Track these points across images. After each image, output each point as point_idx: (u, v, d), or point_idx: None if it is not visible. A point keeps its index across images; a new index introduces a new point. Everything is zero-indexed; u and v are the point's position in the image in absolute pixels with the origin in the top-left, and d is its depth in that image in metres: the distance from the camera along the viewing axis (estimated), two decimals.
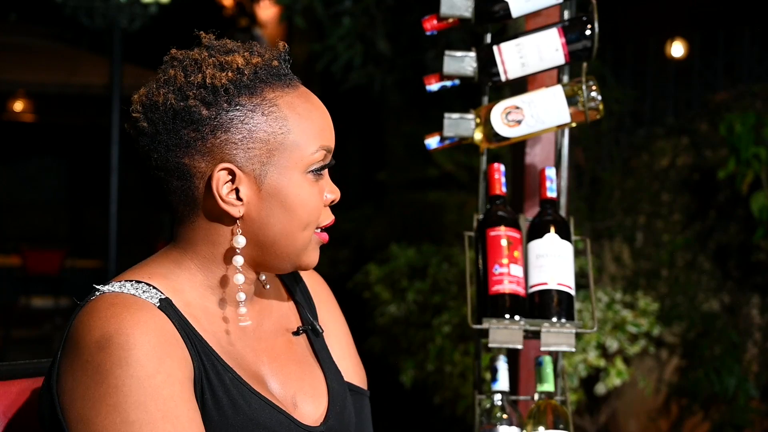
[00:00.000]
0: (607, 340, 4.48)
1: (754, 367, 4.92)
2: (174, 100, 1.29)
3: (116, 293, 1.27)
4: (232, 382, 1.29)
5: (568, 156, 2.13)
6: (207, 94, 1.29)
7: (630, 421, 5.11)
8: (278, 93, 1.32)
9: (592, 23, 1.96)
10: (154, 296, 1.27)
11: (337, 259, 7.91)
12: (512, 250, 1.94)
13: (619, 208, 5.64)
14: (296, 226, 1.33)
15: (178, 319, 1.28)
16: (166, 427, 1.19)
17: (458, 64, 1.99)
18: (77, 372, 1.22)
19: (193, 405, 1.23)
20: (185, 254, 1.34)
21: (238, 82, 1.30)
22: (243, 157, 1.29)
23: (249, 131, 1.29)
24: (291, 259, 1.36)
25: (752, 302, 5.07)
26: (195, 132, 1.29)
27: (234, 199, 1.31)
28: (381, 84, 7.03)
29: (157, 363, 1.21)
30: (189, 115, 1.29)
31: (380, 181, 8.45)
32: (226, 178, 1.30)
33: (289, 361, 1.41)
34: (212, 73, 1.30)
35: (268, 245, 1.33)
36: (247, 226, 1.32)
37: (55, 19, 10.38)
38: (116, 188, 7.54)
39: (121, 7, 7.69)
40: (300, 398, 1.38)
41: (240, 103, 1.29)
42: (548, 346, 1.91)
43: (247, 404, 1.29)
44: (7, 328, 8.36)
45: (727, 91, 5.83)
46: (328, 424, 1.38)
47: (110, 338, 1.21)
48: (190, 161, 1.30)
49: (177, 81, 1.30)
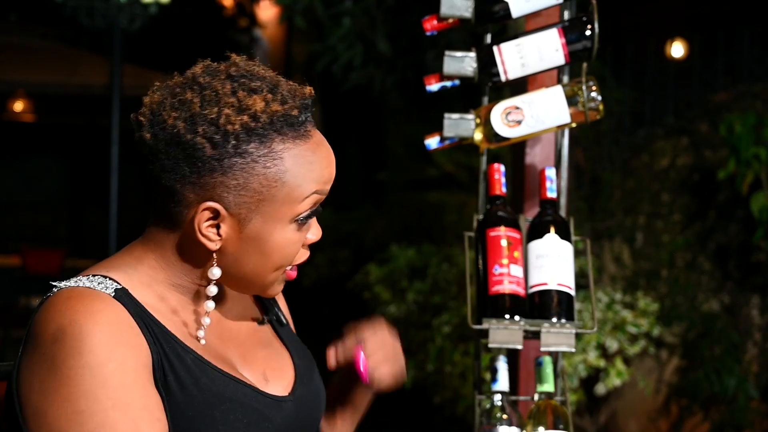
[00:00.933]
0: (607, 340, 4.48)
1: (754, 368, 4.92)
2: (183, 128, 1.27)
3: (72, 287, 1.28)
4: (193, 362, 1.30)
5: (568, 156, 2.13)
6: (216, 134, 1.27)
7: (630, 422, 5.11)
8: (288, 145, 1.30)
9: (592, 23, 1.96)
10: (110, 287, 1.29)
11: (337, 259, 7.91)
12: (512, 250, 1.94)
13: (619, 209, 5.64)
14: (269, 267, 1.35)
15: (135, 307, 1.29)
16: (115, 414, 1.21)
17: (458, 64, 1.99)
18: (34, 366, 1.24)
19: (147, 392, 1.24)
20: (151, 253, 1.35)
21: (250, 129, 1.28)
22: (232, 201, 1.29)
23: (245, 180, 1.28)
24: (255, 290, 1.39)
25: (752, 302, 5.07)
26: (193, 165, 1.28)
27: (213, 233, 1.31)
28: (381, 84, 7.03)
29: (108, 351, 1.22)
30: (193, 150, 1.27)
31: (380, 181, 8.45)
32: (210, 215, 1.30)
33: (254, 346, 1.44)
34: (228, 113, 1.27)
35: (237, 278, 1.36)
36: (221, 257, 1.33)
37: (55, 19, 10.38)
38: (116, 188, 7.54)
39: (121, 7, 7.69)
40: (269, 375, 1.41)
41: (247, 150, 1.28)
42: (548, 347, 1.91)
43: (210, 381, 1.31)
44: (7, 328, 8.36)
45: (727, 92, 5.83)
46: (296, 394, 1.41)
47: (64, 330, 1.23)
48: (181, 188, 1.30)
49: (191, 108, 1.28)
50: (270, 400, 1.36)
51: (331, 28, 6.81)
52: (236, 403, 1.32)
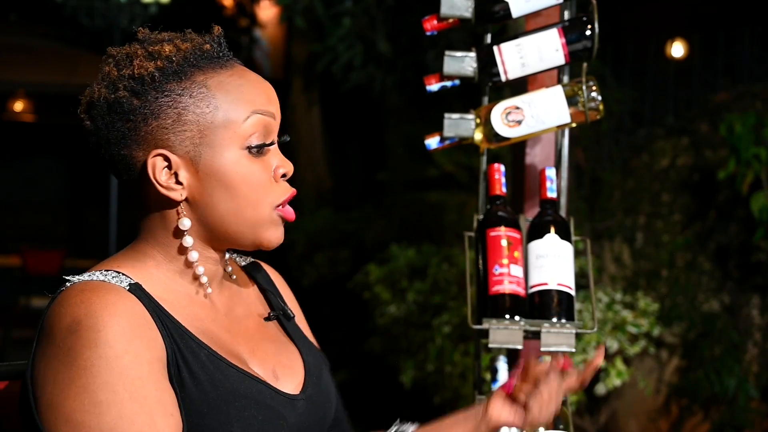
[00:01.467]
0: (607, 340, 4.48)
1: (754, 368, 4.92)
2: (107, 94, 1.32)
3: (86, 281, 1.28)
4: (208, 358, 1.30)
5: (568, 156, 2.13)
6: (135, 84, 1.31)
7: (630, 422, 5.11)
8: (209, 74, 1.33)
9: (593, 23, 1.96)
10: (124, 281, 1.29)
11: (337, 259, 7.90)
12: (512, 250, 1.94)
13: (619, 209, 5.64)
14: (242, 204, 1.33)
15: (149, 301, 1.29)
16: (133, 407, 1.20)
17: (458, 64, 1.99)
18: (49, 358, 1.23)
19: (162, 386, 1.24)
20: (147, 244, 1.36)
21: (166, 70, 1.31)
22: (175, 140, 1.31)
23: (178, 114, 1.31)
24: (247, 237, 1.36)
25: (752, 302, 5.07)
26: (128, 122, 1.31)
27: (174, 183, 1.32)
28: (381, 84, 7.04)
29: (125, 343, 1.22)
30: (120, 106, 1.31)
31: (380, 181, 8.45)
32: (163, 164, 1.31)
33: (263, 341, 1.43)
34: (140, 63, 1.32)
35: (216, 225, 1.34)
36: (193, 209, 1.34)
37: (55, 19, 10.39)
38: (116, 188, 7.54)
39: (121, 7, 7.70)
40: (279, 372, 1.40)
41: (168, 89, 1.31)
42: (548, 347, 1.91)
43: (225, 378, 1.30)
44: (7, 328, 8.36)
45: (727, 92, 5.83)
46: (306, 393, 1.40)
47: (80, 321, 1.22)
48: (128, 152, 1.32)
49: (111, 76, 1.33)
50: (283, 398, 1.36)
51: (331, 28, 6.81)
52: (251, 400, 1.31)
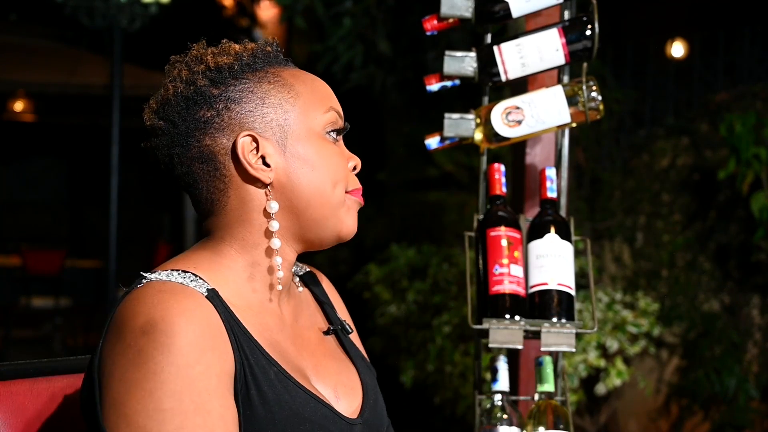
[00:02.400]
0: (607, 340, 4.48)
1: (754, 368, 4.92)
2: (183, 88, 1.34)
3: (164, 281, 1.26)
4: (276, 377, 1.28)
5: (568, 156, 2.13)
6: (213, 74, 1.34)
7: (630, 422, 5.11)
8: (279, 69, 1.38)
9: (593, 23, 1.96)
10: (202, 286, 1.27)
11: (337, 259, 7.90)
12: (512, 250, 1.94)
13: (619, 209, 5.64)
14: (326, 182, 1.36)
15: (224, 310, 1.27)
16: (196, 420, 1.18)
17: (458, 64, 1.99)
18: (118, 355, 1.21)
19: (226, 402, 1.22)
20: (223, 241, 1.34)
21: (240, 61, 1.35)
22: (260, 123, 1.33)
23: (260, 98, 1.34)
24: (329, 223, 1.36)
25: (752, 302, 5.07)
26: (210, 110, 1.33)
27: (262, 165, 1.33)
28: (381, 84, 7.03)
29: (198, 353, 1.20)
30: (200, 96, 1.33)
31: (380, 181, 8.45)
32: (251, 145, 1.33)
33: (325, 356, 1.41)
34: (213, 59, 1.35)
35: (302, 208, 1.35)
36: (279, 193, 1.34)
37: (55, 19, 10.38)
38: (116, 188, 7.53)
39: (121, 7, 7.69)
40: (341, 391, 1.39)
41: (246, 77, 1.35)
42: (548, 347, 1.91)
43: (292, 399, 1.28)
44: (7, 328, 8.36)
45: (727, 92, 5.83)
46: (364, 417, 1.39)
47: (155, 324, 1.20)
48: (212, 141, 1.33)
49: (182, 75, 1.35)
50: (345, 423, 1.34)
51: (331, 28, 6.81)
52: (315, 425, 1.29)
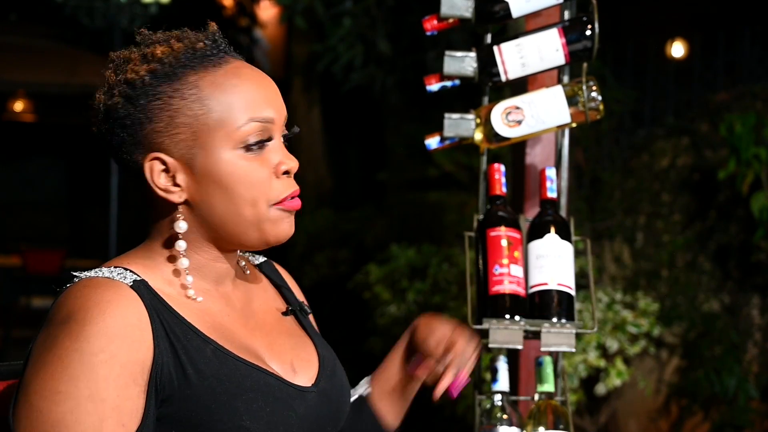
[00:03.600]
0: (607, 340, 4.48)
1: (754, 368, 4.92)
2: (105, 100, 1.33)
3: (91, 277, 1.30)
4: (214, 353, 1.30)
5: (568, 156, 2.13)
6: (128, 89, 1.31)
7: (630, 422, 5.11)
8: (201, 74, 1.32)
9: (593, 23, 1.96)
10: (128, 277, 1.30)
11: (337, 259, 7.90)
12: (512, 250, 1.94)
13: (619, 209, 5.64)
14: (240, 203, 1.33)
15: (151, 299, 1.29)
16: (87, 406, 1.21)
17: (458, 64, 1.99)
18: (38, 344, 1.26)
19: (127, 393, 1.23)
20: (157, 242, 1.37)
21: (157, 72, 1.31)
22: (170, 143, 1.31)
23: (170, 117, 1.31)
24: (251, 235, 1.35)
25: (752, 302, 5.07)
26: (125, 128, 1.32)
27: (171, 186, 1.33)
28: (381, 84, 7.03)
29: (105, 341, 1.22)
30: (116, 112, 1.32)
31: (380, 181, 8.45)
32: (160, 167, 1.32)
33: (281, 335, 1.44)
34: (133, 67, 1.32)
35: (217, 225, 1.35)
36: (194, 211, 1.34)
37: (55, 19, 10.39)
38: (116, 188, 7.55)
39: (121, 7, 7.70)
40: (297, 365, 1.41)
41: (160, 92, 1.31)
42: (548, 347, 1.91)
43: (231, 372, 1.30)
44: (7, 328, 8.36)
45: (727, 92, 5.83)
46: (319, 386, 1.41)
47: (72, 314, 1.24)
48: (129, 157, 1.33)
49: (109, 81, 1.34)
50: (293, 390, 1.36)
51: (331, 28, 6.81)
52: (258, 393, 1.31)
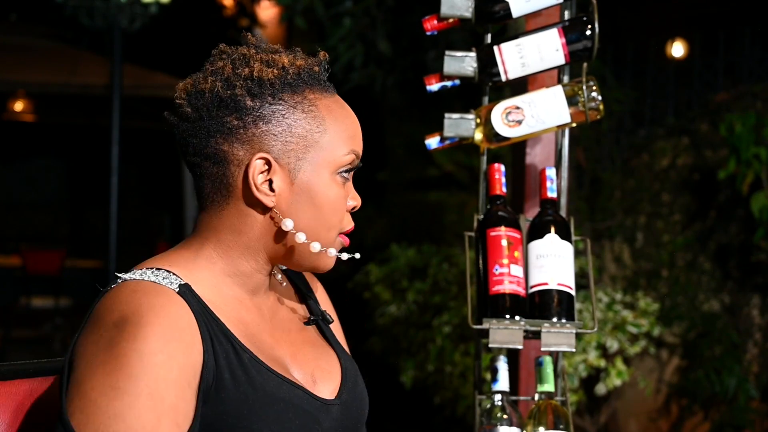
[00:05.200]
0: (607, 340, 4.48)
1: (754, 368, 4.92)
2: (221, 88, 1.35)
3: (137, 281, 1.31)
4: (249, 362, 1.33)
5: (568, 156, 2.13)
6: (253, 85, 1.35)
7: (630, 422, 5.11)
8: (317, 95, 1.39)
9: (593, 23, 1.96)
10: (174, 282, 1.32)
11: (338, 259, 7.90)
12: (512, 250, 1.94)
13: (619, 209, 5.64)
14: (322, 224, 1.39)
15: (196, 304, 1.32)
16: (146, 403, 1.22)
17: (459, 64, 1.99)
18: (90, 345, 1.27)
19: (183, 394, 1.26)
20: (207, 242, 1.39)
21: (282, 79, 1.36)
22: (280, 149, 1.35)
23: (289, 125, 1.35)
24: (311, 258, 1.41)
25: (752, 302, 5.07)
26: (238, 120, 1.35)
27: (267, 189, 1.36)
28: (382, 84, 7.03)
29: (162, 343, 1.25)
30: (234, 103, 1.35)
31: (380, 181, 8.45)
32: (263, 167, 1.35)
33: (304, 345, 1.46)
34: (259, 67, 1.36)
35: (292, 239, 1.38)
36: (276, 219, 1.37)
37: (55, 19, 10.38)
38: (116, 188, 7.54)
39: (121, 7, 7.69)
40: (318, 376, 1.44)
41: (283, 98, 1.36)
42: (548, 347, 1.91)
43: (265, 381, 1.33)
44: (7, 328, 8.37)
45: (727, 92, 5.83)
46: (342, 398, 1.43)
47: (126, 319, 1.26)
48: (229, 148, 1.35)
49: (225, 72, 1.37)
50: (319, 403, 1.39)
51: (331, 28, 6.81)
52: (289, 404, 1.34)
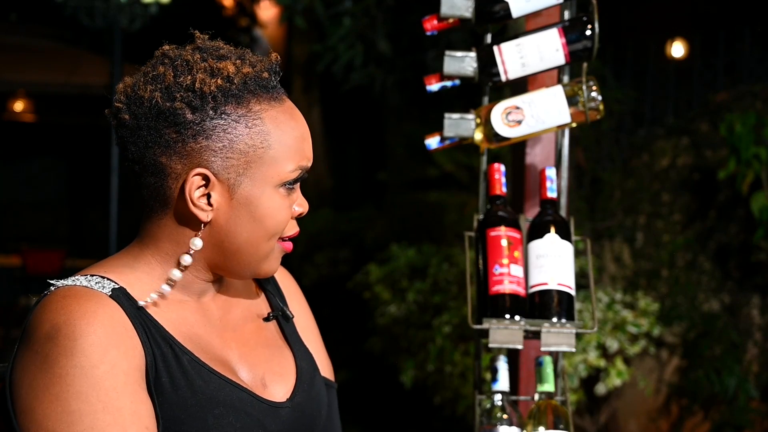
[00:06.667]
0: (607, 340, 4.48)
1: (754, 368, 4.92)
2: (160, 98, 1.29)
3: (68, 287, 1.28)
4: (189, 364, 1.30)
5: (568, 156, 2.13)
6: (194, 98, 1.29)
7: (630, 422, 5.11)
8: (264, 106, 1.32)
9: (593, 23, 1.96)
10: (107, 286, 1.29)
11: (338, 259, 7.90)
12: (512, 250, 1.94)
13: (619, 209, 5.64)
14: (262, 236, 1.34)
15: (131, 307, 1.29)
16: (105, 418, 1.20)
17: (458, 64, 1.99)
18: (27, 363, 1.24)
19: (138, 397, 1.24)
20: (146, 249, 1.36)
21: (226, 90, 1.30)
22: (220, 165, 1.30)
23: (230, 141, 1.30)
24: (251, 267, 1.37)
25: (752, 302, 5.07)
26: (177, 134, 1.29)
27: (204, 204, 1.32)
28: (381, 84, 7.03)
29: (101, 353, 1.22)
30: (173, 116, 1.29)
31: (380, 181, 8.45)
32: (200, 182, 1.31)
33: (257, 345, 1.42)
34: (202, 77, 1.29)
35: (232, 252, 1.35)
36: (214, 232, 1.33)
37: (55, 19, 10.38)
38: (116, 188, 7.54)
39: (121, 7, 7.70)
40: (269, 378, 1.39)
41: (226, 111, 1.30)
42: (548, 347, 1.91)
43: (205, 384, 1.30)
44: (7, 328, 8.37)
45: (727, 92, 5.83)
46: (294, 400, 1.40)
47: (59, 329, 1.23)
48: (167, 161, 1.30)
49: (166, 80, 1.30)
50: (266, 406, 1.35)
51: (331, 28, 6.81)
52: (230, 408, 1.31)
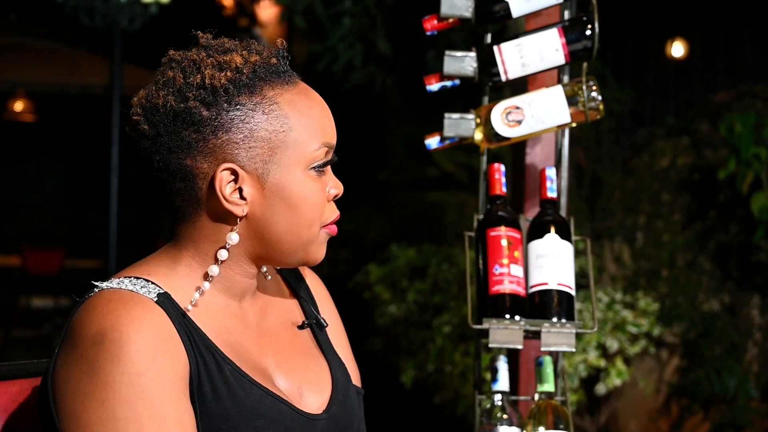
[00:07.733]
0: (607, 340, 4.48)
1: (754, 368, 4.92)
2: (174, 102, 1.29)
3: (114, 289, 1.27)
4: (231, 374, 1.29)
5: (568, 156, 2.13)
6: (207, 94, 1.29)
7: (630, 422, 5.11)
8: (278, 91, 1.32)
9: (593, 23, 1.96)
10: (152, 291, 1.28)
11: (338, 259, 7.91)
12: (512, 250, 1.94)
13: (619, 209, 5.64)
14: (301, 222, 1.34)
15: (176, 313, 1.27)
16: (151, 426, 1.19)
17: (458, 64, 1.99)
18: (71, 367, 1.23)
19: (182, 406, 1.23)
20: (186, 251, 1.34)
21: (237, 82, 1.29)
22: (245, 156, 1.30)
23: (250, 130, 1.29)
24: (297, 255, 1.36)
25: (752, 302, 5.07)
26: (196, 133, 1.29)
27: (237, 198, 1.31)
28: (381, 84, 7.03)
29: (148, 361, 1.21)
30: (190, 116, 1.29)
31: (380, 181, 8.45)
32: (229, 177, 1.30)
33: (293, 353, 1.41)
34: (211, 73, 1.29)
35: (273, 242, 1.34)
36: (252, 225, 1.33)
37: (55, 19, 10.38)
38: (116, 188, 7.54)
39: (121, 7, 7.70)
40: (305, 387, 1.39)
41: (240, 102, 1.29)
42: (548, 347, 1.91)
43: (246, 395, 1.29)
44: (7, 328, 8.37)
45: (727, 92, 5.83)
46: (330, 412, 1.38)
47: (105, 334, 1.21)
48: (192, 162, 1.30)
49: (176, 83, 1.30)
50: (304, 419, 1.34)
51: (331, 28, 6.81)
52: (270, 421, 1.30)
